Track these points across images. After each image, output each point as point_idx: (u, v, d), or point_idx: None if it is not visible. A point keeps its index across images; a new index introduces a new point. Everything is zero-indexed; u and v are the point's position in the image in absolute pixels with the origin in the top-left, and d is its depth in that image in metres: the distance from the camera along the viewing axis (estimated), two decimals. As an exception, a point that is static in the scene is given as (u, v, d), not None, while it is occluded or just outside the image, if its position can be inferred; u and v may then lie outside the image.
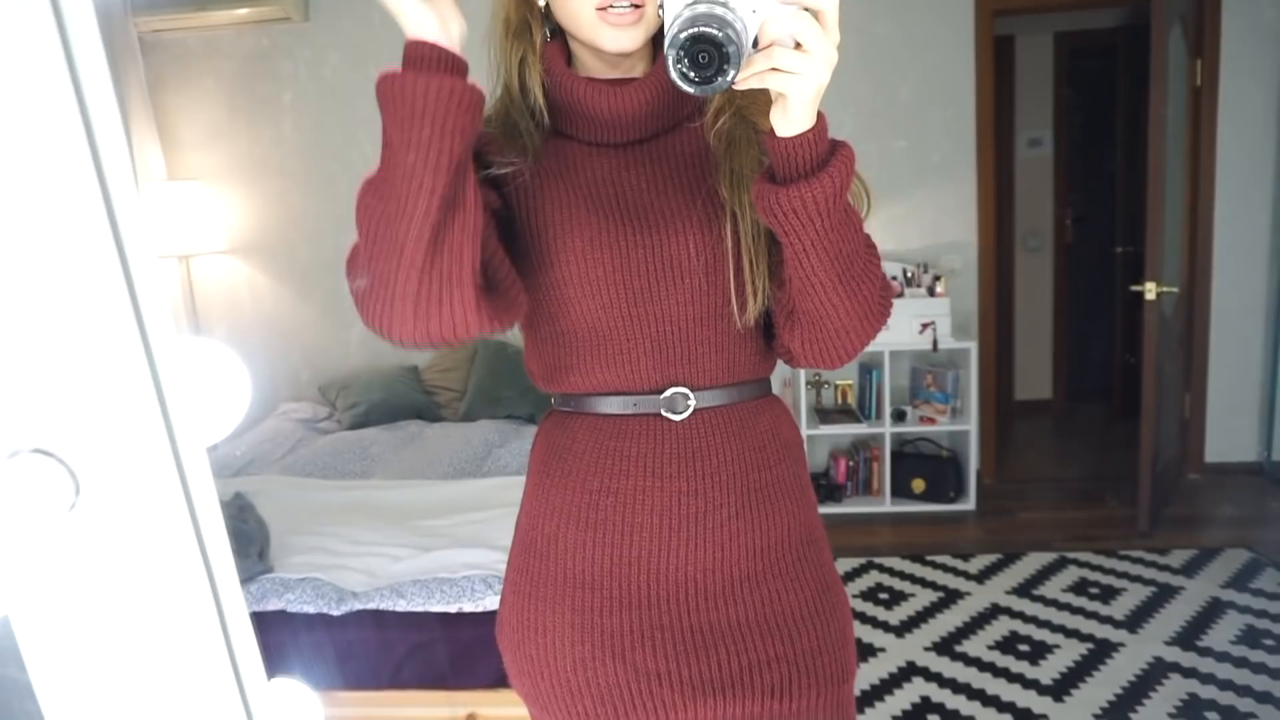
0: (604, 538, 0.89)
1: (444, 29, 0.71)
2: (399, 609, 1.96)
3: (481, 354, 3.68)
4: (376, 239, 0.75)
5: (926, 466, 3.69)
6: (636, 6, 0.83)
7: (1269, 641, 2.53)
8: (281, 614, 1.96)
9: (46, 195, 0.35)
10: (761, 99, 0.85)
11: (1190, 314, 3.76)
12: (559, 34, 0.91)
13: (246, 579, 2.02)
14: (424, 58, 0.71)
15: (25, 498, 0.35)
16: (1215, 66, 3.61)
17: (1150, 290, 3.14)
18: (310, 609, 1.96)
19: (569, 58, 0.91)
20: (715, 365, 0.90)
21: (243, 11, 3.57)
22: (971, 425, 3.64)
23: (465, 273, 0.74)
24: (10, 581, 0.35)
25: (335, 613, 1.96)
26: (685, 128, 0.92)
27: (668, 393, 0.89)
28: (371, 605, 1.96)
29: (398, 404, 3.59)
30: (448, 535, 2.32)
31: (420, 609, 1.96)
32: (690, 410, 0.89)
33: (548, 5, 0.88)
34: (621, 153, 0.90)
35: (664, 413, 0.89)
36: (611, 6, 0.83)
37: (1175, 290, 3.36)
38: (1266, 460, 3.80)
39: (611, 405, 0.90)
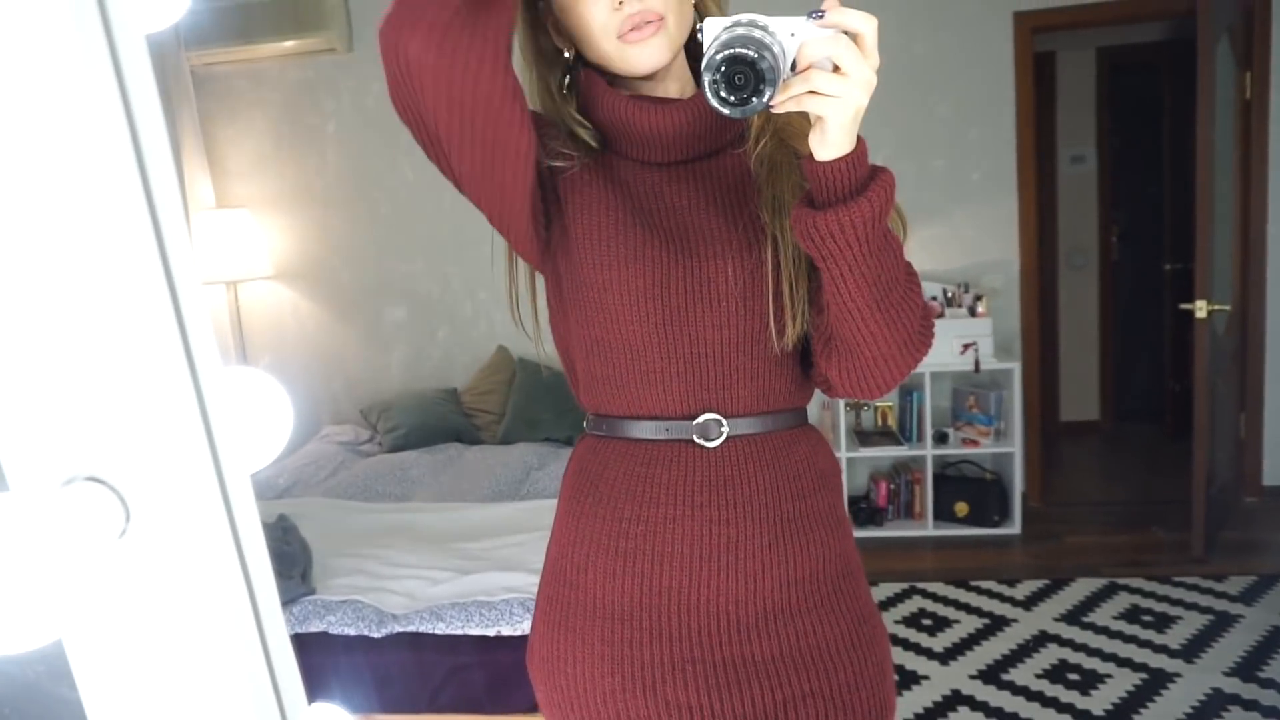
0: (634, 567, 0.88)
1: None
2: (438, 631, 1.97)
3: (520, 377, 3.70)
4: None
5: (970, 489, 3.62)
6: (650, 22, 0.84)
7: (1335, 673, 2.43)
8: (323, 636, 1.98)
9: (98, 225, 0.36)
10: (801, 123, 0.86)
11: (1244, 332, 3.66)
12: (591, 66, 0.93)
13: (289, 600, 2.04)
14: None
15: (79, 524, 0.36)
16: (1266, 78, 3.53)
17: (1201, 308, 3.06)
18: (351, 631, 1.98)
19: (609, 79, 0.92)
20: (750, 392, 0.89)
21: (289, 44, 3.68)
22: (1016, 447, 3.57)
23: (500, 28, 0.74)
24: (64, 605, 0.35)
25: (376, 635, 1.97)
26: (729, 153, 0.92)
27: (700, 419, 0.88)
28: (411, 628, 1.97)
29: (437, 426, 3.63)
30: (486, 558, 2.33)
31: (459, 632, 1.97)
32: (723, 438, 0.88)
33: (575, 50, 0.90)
34: (666, 171, 0.91)
35: (697, 439, 0.88)
36: (631, 31, 0.84)
37: (1227, 308, 3.28)
38: (1328, 483, 3.67)
39: (644, 430, 0.90)
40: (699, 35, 0.73)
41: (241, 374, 0.45)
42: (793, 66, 0.70)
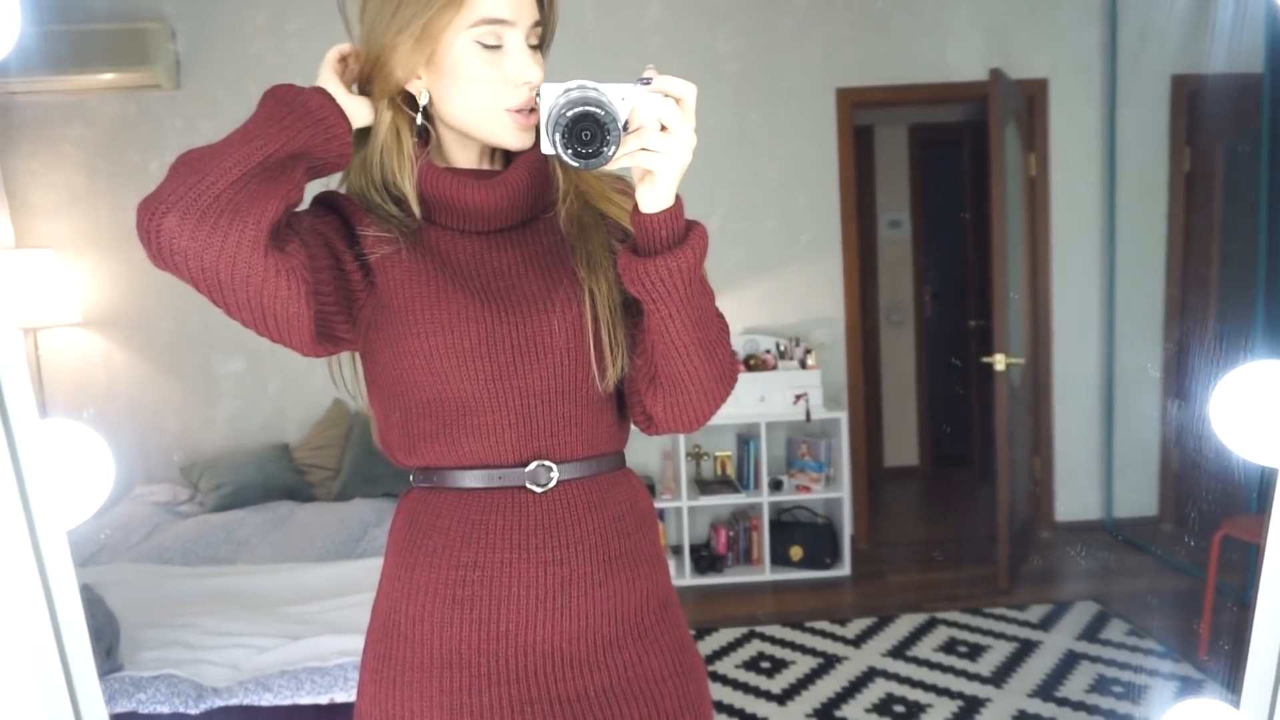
0: (472, 613, 0.89)
1: (344, 100, 0.86)
2: (264, 703, 1.85)
3: (357, 431, 3.57)
4: (185, 169, 0.78)
5: (803, 534, 3.79)
6: (534, 110, 0.89)
7: (1118, 689, 2.70)
8: (133, 715, 1.81)
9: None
10: (599, 186, 0.97)
11: (1036, 383, 4.07)
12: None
13: (92, 678, 1.86)
14: (308, 93, 0.84)
15: None
16: (1045, 159, 4.00)
17: (999, 361, 3.39)
18: (165, 709, 1.82)
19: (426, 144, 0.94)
20: (575, 438, 0.93)
21: (108, 77, 3.46)
22: (844, 492, 3.78)
23: (263, 215, 0.77)
24: None
25: (193, 711, 1.82)
26: (541, 218, 0.97)
27: (531, 466, 0.91)
28: (235, 700, 1.84)
29: (267, 484, 3.43)
30: (319, 621, 2.22)
31: (288, 702, 1.85)
32: (553, 483, 0.92)
33: (427, 100, 0.91)
34: (485, 238, 0.95)
35: (528, 485, 0.91)
36: (523, 110, 0.89)
37: (1021, 361, 3.64)
38: (1108, 517, 4.10)
39: (475, 479, 0.92)
40: (536, 99, 0.80)
41: (56, 426, 0.43)
42: (625, 127, 0.77)
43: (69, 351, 3.67)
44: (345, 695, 1.87)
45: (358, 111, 0.88)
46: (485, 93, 0.88)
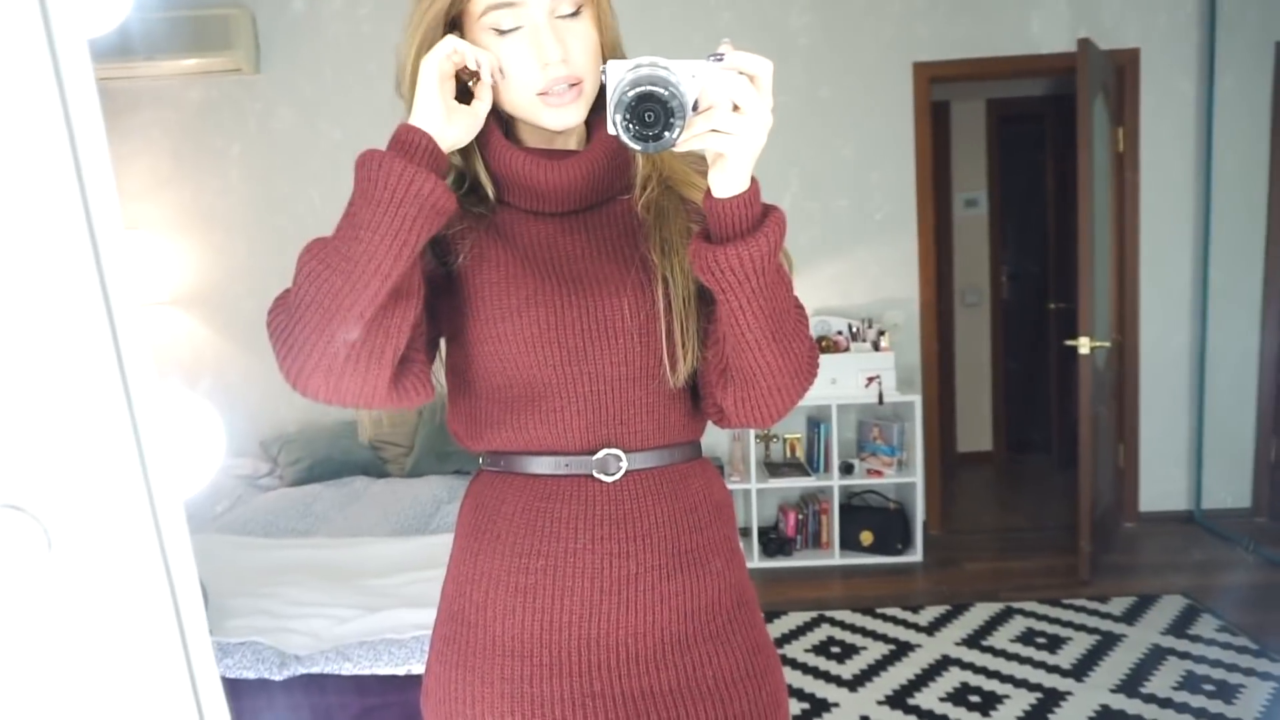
0: (534, 603, 0.88)
1: (445, 126, 0.79)
2: (345, 672, 1.89)
3: (429, 409, 3.63)
4: (314, 305, 0.77)
5: (874, 519, 3.72)
6: (573, 85, 0.85)
7: (1208, 687, 2.58)
8: (220, 680, 1.87)
9: (35, 242, 0.35)
10: (685, 171, 0.92)
11: (1121, 367, 3.91)
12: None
13: (183, 643, 1.93)
14: (413, 145, 0.77)
15: (-2, 553, 0.34)
16: (1136, 133, 3.82)
17: (1084, 345, 3.26)
18: (250, 674, 1.88)
19: (504, 127, 0.92)
20: (647, 426, 0.91)
21: (191, 62, 3.55)
22: (917, 477, 3.70)
23: (389, 353, 0.78)
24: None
25: (277, 678, 1.88)
26: (617, 200, 0.94)
27: (600, 454, 0.89)
28: (316, 669, 1.89)
29: (342, 460, 3.51)
30: (395, 595, 2.26)
31: (367, 672, 1.90)
32: (622, 472, 0.90)
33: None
34: (558, 221, 0.92)
35: (596, 474, 0.89)
36: (551, 92, 0.85)
37: (1107, 345, 3.50)
38: (1196, 508, 3.93)
39: (543, 465, 0.90)
40: (602, 77, 0.76)
41: (173, 396, 0.43)
42: (694, 106, 0.73)
43: (158, 330, 3.80)
44: (420, 667, 1.90)
45: (462, 133, 0.81)
46: (514, 78, 0.84)
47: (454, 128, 0.80)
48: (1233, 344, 3.85)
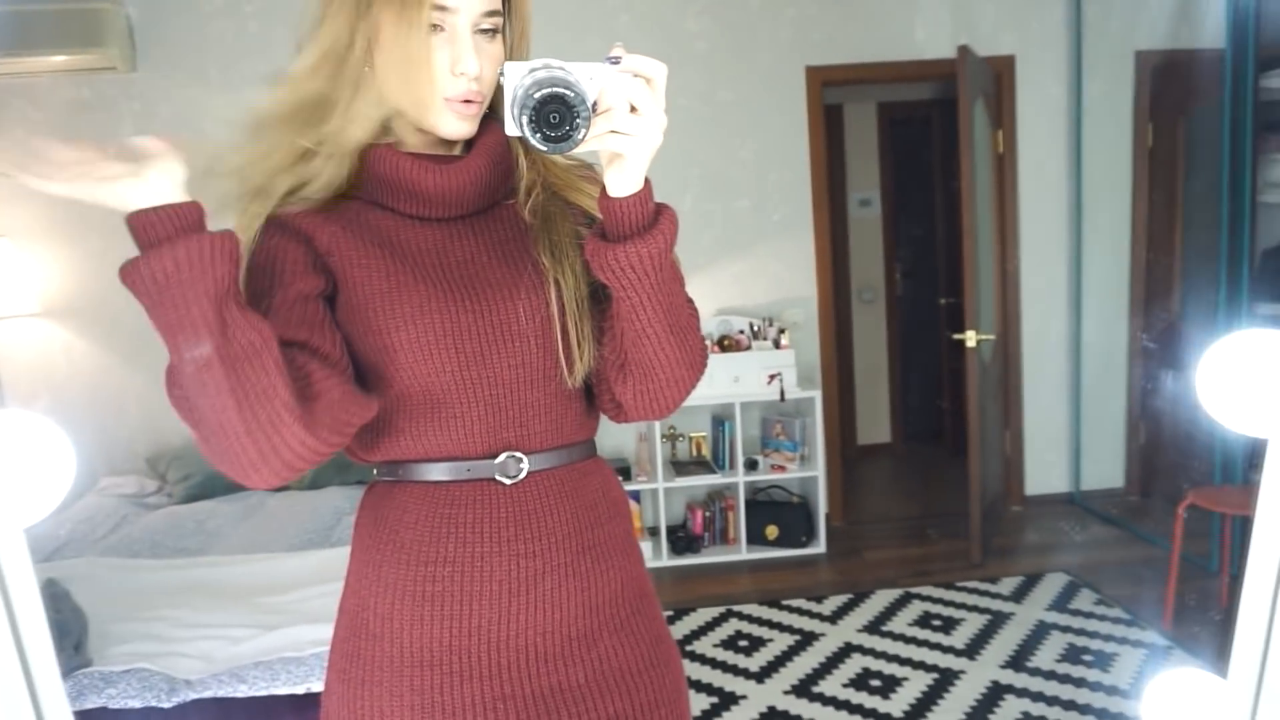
0: (442, 610, 0.88)
1: (156, 188, 0.75)
2: (240, 695, 1.82)
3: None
4: (195, 420, 0.77)
5: (779, 513, 3.81)
6: (475, 102, 0.86)
7: (1088, 657, 2.75)
8: (103, 711, 1.78)
9: None
10: (567, 177, 0.94)
11: (1006, 359, 4.11)
12: None
13: (62, 675, 1.82)
14: (150, 229, 0.75)
15: None
16: (1014, 136, 4.03)
17: (970, 338, 3.41)
18: (136, 703, 1.79)
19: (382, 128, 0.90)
20: (546, 427, 0.91)
21: (60, 59, 3.35)
22: (819, 471, 3.81)
23: (280, 409, 0.74)
24: None
25: (166, 704, 1.80)
26: (502, 205, 0.95)
27: (501, 457, 0.90)
28: (208, 693, 1.82)
29: (236, 473, 3.38)
30: (294, 611, 2.19)
31: (264, 693, 1.83)
32: (523, 474, 0.90)
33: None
34: (445, 226, 0.92)
35: (498, 477, 0.90)
36: (461, 101, 0.85)
37: (992, 338, 3.67)
38: (1076, 490, 4.17)
39: (443, 472, 0.90)
40: (500, 79, 0.76)
41: (8, 418, 0.41)
42: (593, 108, 0.74)
43: (28, 343, 3.58)
44: (321, 685, 1.85)
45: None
46: (421, 70, 0.84)
47: (162, 174, 0.77)
48: (1104, 335, 4.10)
